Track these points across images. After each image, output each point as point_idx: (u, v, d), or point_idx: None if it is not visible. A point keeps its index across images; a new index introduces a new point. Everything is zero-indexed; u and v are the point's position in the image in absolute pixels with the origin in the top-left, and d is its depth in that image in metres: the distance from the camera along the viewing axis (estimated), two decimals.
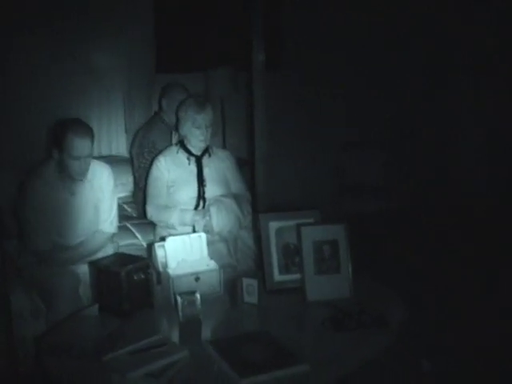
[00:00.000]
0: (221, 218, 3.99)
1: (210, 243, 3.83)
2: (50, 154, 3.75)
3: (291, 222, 3.31)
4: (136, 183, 4.98)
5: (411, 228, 6.40)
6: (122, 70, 5.89)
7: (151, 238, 4.36)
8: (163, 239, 3.38)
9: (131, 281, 3.03)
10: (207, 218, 3.98)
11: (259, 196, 4.16)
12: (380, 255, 5.60)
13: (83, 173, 3.77)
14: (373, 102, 7.10)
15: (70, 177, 3.77)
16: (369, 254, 5.38)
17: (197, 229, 3.92)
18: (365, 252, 5.28)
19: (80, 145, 3.63)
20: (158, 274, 3.34)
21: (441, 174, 7.41)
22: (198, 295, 2.84)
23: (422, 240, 6.09)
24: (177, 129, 4.23)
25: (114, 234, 4.12)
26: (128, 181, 5.24)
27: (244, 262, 4.02)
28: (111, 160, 5.31)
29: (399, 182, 7.04)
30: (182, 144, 4.18)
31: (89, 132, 3.71)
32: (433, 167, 7.39)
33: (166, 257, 3.29)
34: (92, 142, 3.73)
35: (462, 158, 7.48)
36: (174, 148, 4.21)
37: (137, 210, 4.98)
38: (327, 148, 6.93)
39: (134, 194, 5.08)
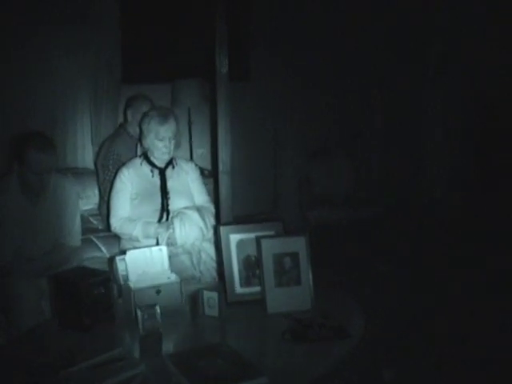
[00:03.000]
0: (184, 231, 3.99)
1: (173, 255, 3.84)
2: (12, 166, 3.73)
3: (252, 235, 3.31)
4: (101, 196, 4.96)
5: (382, 237, 6.43)
6: (88, 82, 5.89)
7: (116, 250, 4.34)
8: (124, 252, 3.36)
9: (91, 294, 3.00)
10: (170, 230, 3.99)
11: (223, 208, 4.14)
12: (348, 265, 5.62)
13: (45, 186, 3.75)
14: (339, 110, 7.14)
15: (31, 190, 3.76)
16: (337, 263, 5.42)
17: (160, 241, 3.92)
18: (333, 262, 5.36)
19: (41, 160, 3.63)
20: (120, 287, 3.33)
21: (410, 182, 7.48)
22: (157, 308, 2.82)
23: (392, 248, 6.13)
24: (140, 141, 4.22)
25: (78, 247, 4.10)
26: (94, 193, 5.22)
27: (208, 274, 4.00)
28: (77, 172, 5.33)
29: (368, 191, 7.09)
30: (145, 156, 4.18)
31: (50, 147, 3.71)
32: (402, 175, 7.45)
33: (126, 270, 3.28)
34: (54, 156, 3.72)
35: (429, 166, 7.57)
36: (138, 160, 4.20)
37: (102, 222, 4.96)
38: (294, 158, 6.94)
39: (100, 206, 5.06)
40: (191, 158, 6.03)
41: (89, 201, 5.18)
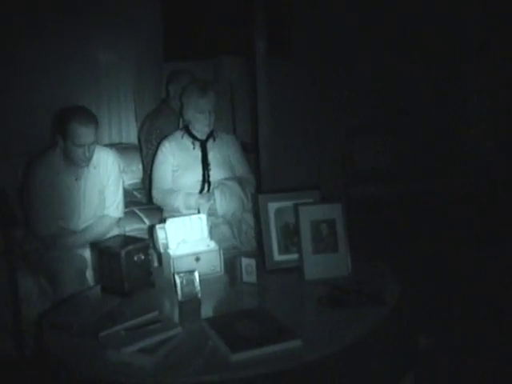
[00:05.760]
0: (225, 201, 4.03)
1: (214, 226, 3.90)
2: (55, 140, 3.80)
3: (290, 203, 3.33)
4: (145, 170, 5.02)
5: (420, 212, 6.42)
6: (131, 59, 5.95)
7: None
8: (164, 221, 3.42)
9: (131, 261, 3.07)
10: (212, 201, 4.03)
11: (263, 179, 4.18)
12: (388, 239, 5.61)
13: (88, 159, 3.80)
14: (381, 86, 7.10)
15: (74, 163, 3.82)
16: (377, 237, 5.42)
17: (201, 212, 3.95)
18: (373, 235, 5.36)
19: (84, 133, 3.67)
20: (160, 255, 3.38)
21: (451, 157, 7.42)
22: (196, 274, 2.87)
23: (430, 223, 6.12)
24: (181, 114, 4.26)
25: (120, 219, 4.16)
26: (138, 168, 5.28)
27: (248, 244, 4.04)
28: (121, 148, 5.38)
29: (409, 166, 7.05)
30: (186, 129, 4.22)
31: (92, 120, 3.74)
32: (442, 151, 7.40)
33: (166, 238, 3.34)
34: (96, 129, 3.75)
35: (470, 142, 7.52)
36: (179, 133, 4.24)
37: (146, 196, 5.03)
38: (335, 134, 6.92)
39: (144, 180, 5.12)
40: (234, 133, 6.05)
41: (133, 175, 5.24)
